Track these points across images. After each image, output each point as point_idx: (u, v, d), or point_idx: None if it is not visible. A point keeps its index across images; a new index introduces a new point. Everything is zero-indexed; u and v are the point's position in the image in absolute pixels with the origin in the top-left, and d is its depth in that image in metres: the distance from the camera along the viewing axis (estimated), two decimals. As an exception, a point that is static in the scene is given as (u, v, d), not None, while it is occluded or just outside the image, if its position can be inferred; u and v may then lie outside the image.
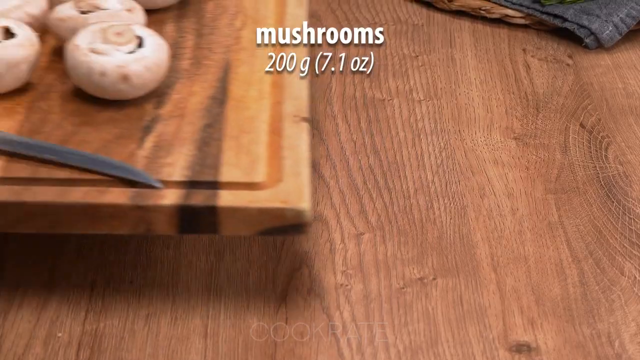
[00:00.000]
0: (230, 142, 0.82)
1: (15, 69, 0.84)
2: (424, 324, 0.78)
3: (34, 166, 0.79)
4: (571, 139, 1.00)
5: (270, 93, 0.89)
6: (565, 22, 1.16)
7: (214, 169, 0.79)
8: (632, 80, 1.10)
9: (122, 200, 0.76)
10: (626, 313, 0.80)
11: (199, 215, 0.76)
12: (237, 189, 0.78)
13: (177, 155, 0.80)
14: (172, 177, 0.78)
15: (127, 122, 0.84)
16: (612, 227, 0.89)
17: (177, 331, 0.77)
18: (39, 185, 0.77)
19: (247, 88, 0.89)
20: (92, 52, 0.84)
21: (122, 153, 0.81)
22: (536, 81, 1.09)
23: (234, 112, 0.86)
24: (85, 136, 0.82)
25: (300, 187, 0.78)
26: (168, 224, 0.76)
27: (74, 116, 0.85)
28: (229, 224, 0.76)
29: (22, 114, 0.85)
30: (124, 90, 0.85)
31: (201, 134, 0.83)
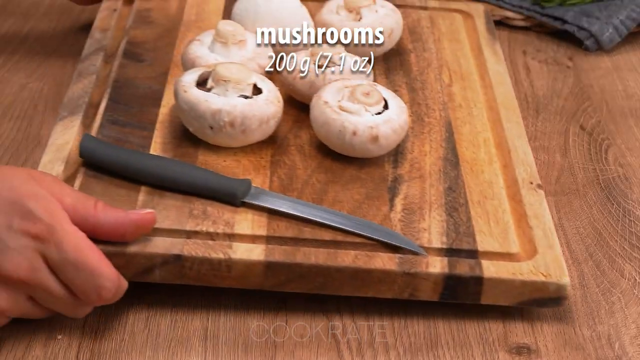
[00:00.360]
0: (477, 209, 0.84)
1: (265, 125, 0.86)
2: (424, 326, 0.79)
3: (296, 225, 0.80)
4: (571, 141, 1.00)
5: (496, 155, 0.91)
6: (565, 24, 1.17)
7: (469, 237, 0.81)
8: (632, 82, 1.10)
9: (391, 266, 0.78)
10: (626, 315, 0.81)
11: (464, 285, 0.78)
12: (496, 259, 0.80)
13: (429, 220, 0.82)
14: (431, 243, 0.80)
15: (372, 181, 0.86)
16: (612, 229, 0.89)
17: (177, 333, 0.77)
18: (306, 246, 0.79)
19: (475, 150, 0.91)
20: (342, 111, 0.86)
21: (376, 215, 0.82)
22: (536, 83, 1.09)
23: (470, 175, 0.88)
24: (336, 195, 0.84)
25: (558, 260, 0.80)
26: (432, 290, 0.78)
27: (319, 173, 0.87)
28: (490, 294, 0.79)
29: (267, 168, 0.87)
30: (370, 150, 0.87)
31: (446, 198, 0.85)
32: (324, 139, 0.87)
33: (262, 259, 0.77)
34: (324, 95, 0.88)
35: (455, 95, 0.99)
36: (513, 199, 0.86)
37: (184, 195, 0.82)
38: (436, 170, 0.88)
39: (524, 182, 0.87)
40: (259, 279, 0.77)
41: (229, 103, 0.85)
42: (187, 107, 0.85)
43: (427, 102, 0.97)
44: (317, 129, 0.87)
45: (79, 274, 0.72)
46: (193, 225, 0.79)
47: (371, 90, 0.87)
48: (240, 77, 0.86)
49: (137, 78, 0.95)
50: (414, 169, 0.88)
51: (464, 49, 1.07)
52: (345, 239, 0.80)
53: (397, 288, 0.78)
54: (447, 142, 0.92)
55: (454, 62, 1.04)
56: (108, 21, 1.04)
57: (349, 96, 0.87)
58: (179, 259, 0.76)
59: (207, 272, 0.77)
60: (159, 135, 0.89)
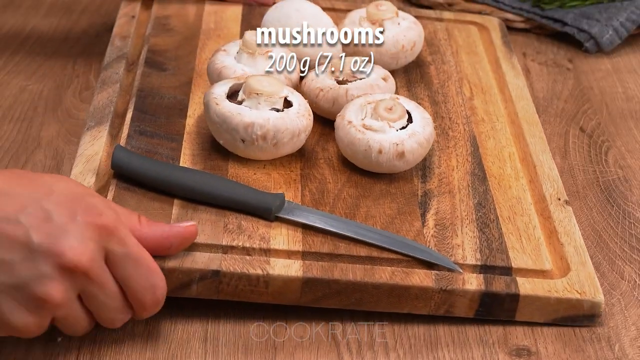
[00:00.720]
0: (508, 225, 0.85)
1: (296, 138, 0.86)
2: (424, 328, 0.79)
3: (331, 241, 0.80)
4: (571, 143, 1.01)
5: (522, 170, 0.92)
6: (565, 26, 1.17)
7: (503, 254, 0.81)
8: (632, 84, 1.11)
9: (427, 283, 0.78)
10: (626, 317, 0.81)
11: (500, 302, 0.78)
12: (530, 276, 0.80)
13: (462, 236, 0.83)
14: (466, 260, 0.80)
15: (402, 196, 0.86)
16: (612, 231, 0.90)
17: (176, 335, 0.77)
18: (342, 262, 0.79)
19: (501, 165, 0.92)
20: (366, 129, 0.86)
21: (409, 230, 0.83)
22: (536, 85, 1.10)
23: (498, 191, 0.88)
24: (368, 210, 0.84)
25: (591, 278, 0.80)
26: (468, 307, 0.79)
27: (349, 187, 0.87)
28: (525, 311, 0.79)
29: (298, 182, 0.86)
30: (397, 166, 0.87)
31: (477, 214, 0.85)
32: (350, 158, 0.87)
33: (300, 275, 0.77)
34: (347, 115, 0.88)
35: (477, 109, 0.99)
36: (542, 215, 0.87)
37: (217, 209, 0.81)
38: (465, 185, 0.88)
39: (552, 198, 0.88)
40: (295, 295, 0.77)
41: (262, 116, 0.84)
42: (218, 120, 0.85)
43: (450, 115, 0.97)
44: (343, 148, 0.87)
45: (138, 270, 0.71)
46: (229, 240, 0.79)
47: (394, 104, 0.87)
48: (272, 90, 0.85)
49: (161, 87, 0.95)
50: (442, 183, 0.88)
51: (482, 62, 1.07)
52: (381, 255, 0.80)
53: (434, 304, 0.78)
54: (473, 156, 0.92)
55: (474, 75, 1.05)
56: (127, 28, 1.03)
57: (372, 113, 0.87)
58: (217, 274, 0.76)
59: (244, 288, 0.77)
60: (188, 147, 0.88)
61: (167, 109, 0.92)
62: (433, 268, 0.79)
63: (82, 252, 0.69)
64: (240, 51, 0.92)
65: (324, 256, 0.79)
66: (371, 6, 1.00)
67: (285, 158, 0.88)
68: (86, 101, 1.02)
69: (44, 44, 1.11)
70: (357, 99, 0.89)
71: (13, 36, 1.13)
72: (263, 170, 0.87)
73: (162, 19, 1.06)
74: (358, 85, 0.92)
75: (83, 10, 1.17)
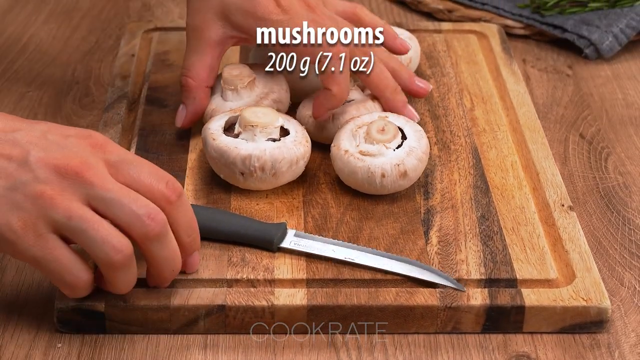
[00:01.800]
0: (512, 236, 0.85)
1: (295, 166, 0.87)
2: (424, 334, 0.79)
3: (335, 266, 0.81)
4: (571, 150, 1.00)
5: (525, 179, 0.92)
6: (565, 33, 1.17)
7: (507, 266, 0.81)
8: (631, 90, 1.10)
9: (432, 301, 0.78)
10: (626, 324, 0.81)
11: (506, 315, 0.79)
12: (535, 286, 0.80)
13: (466, 251, 0.83)
14: (470, 275, 0.81)
15: (405, 215, 0.87)
16: (611, 237, 0.89)
17: (176, 342, 0.77)
18: (346, 286, 0.80)
19: (503, 175, 0.92)
20: (364, 156, 0.87)
21: (413, 250, 0.83)
22: (536, 92, 1.09)
23: (501, 202, 0.89)
24: (371, 232, 0.85)
25: (597, 284, 0.80)
26: (475, 322, 0.79)
27: (352, 210, 0.87)
28: (532, 322, 0.79)
29: (300, 208, 0.87)
30: (401, 185, 0.87)
31: (480, 227, 0.85)
32: (354, 185, 0.88)
33: (305, 303, 0.77)
34: (341, 144, 0.88)
35: (478, 120, 0.99)
36: (546, 222, 0.87)
37: (221, 243, 0.82)
38: (467, 198, 0.89)
39: (556, 205, 0.88)
40: (302, 322, 0.78)
41: (258, 148, 0.85)
42: (216, 155, 0.86)
43: (452, 128, 0.98)
44: (345, 178, 0.88)
45: (143, 168, 0.74)
46: (233, 274, 0.79)
47: (385, 125, 0.88)
48: (267, 121, 0.86)
49: (163, 124, 0.96)
50: (445, 199, 0.89)
51: (482, 71, 1.07)
52: (385, 277, 0.80)
53: (440, 322, 0.78)
54: (475, 168, 0.92)
55: (474, 85, 1.05)
56: (127, 67, 1.05)
57: (365, 137, 0.87)
58: (223, 309, 0.77)
59: (250, 320, 0.78)
60: (190, 182, 0.89)
61: (169, 146, 0.94)
62: (437, 286, 0.79)
63: (75, 155, 0.72)
64: (223, 90, 0.93)
65: (328, 282, 0.80)
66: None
67: (287, 185, 0.89)
68: (86, 108, 1.03)
69: (43, 50, 1.12)
70: (347, 125, 0.90)
71: (13, 43, 1.15)
72: (265, 200, 0.88)
73: (162, 55, 1.07)
74: (344, 109, 0.92)
75: (83, 16, 1.19)
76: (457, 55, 1.10)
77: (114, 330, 0.77)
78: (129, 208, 0.72)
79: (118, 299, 0.77)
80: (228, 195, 0.88)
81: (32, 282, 0.82)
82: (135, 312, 0.77)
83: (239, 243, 0.82)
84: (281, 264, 0.81)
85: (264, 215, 0.86)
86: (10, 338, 0.77)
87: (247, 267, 0.80)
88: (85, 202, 0.72)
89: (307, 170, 0.91)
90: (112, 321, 0.77)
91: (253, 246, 0.82)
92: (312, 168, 0.91)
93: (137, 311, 0.77)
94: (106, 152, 0.74)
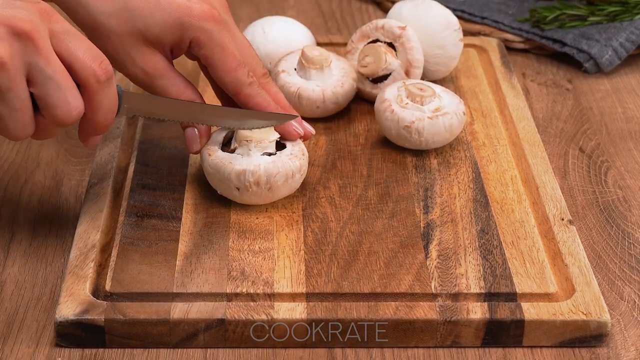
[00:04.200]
0: (511, 250, 0.85)
1: (291, 180, 0.87)
2: (424, 349, 0.79)
3: (335, 280, 0.81)
4: (570, 164, 1.00)
5: (525, 193, 0.92)
6: (564, 47, 1.17)
7: (507, 280, 0.81)
8: (631, 104, 1.10)
9: (432, 315, 0.78)
10: (625, 338, 0.81)
11: (506, 329, 0.79)
12: (535, 300, 0.80)
13: (466, 265, 0.83)
14: (470, 289, 0.81)
15: (405, 229, 0.87)
16: (611, 251, 0.89)
17: (176, 356, 0.77)
18: (346, 300, 0.80)
19: (503, 189, 0.92)
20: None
21: (412, 264, 0.83)
22: (535, 106, 1.09)
23: (501, 216, 0.89)
24: (371, 246, 0.85)
25: (597, 298, 0.80)
26: (474, 336, 0.79)
27: (352, 224, 0.87)
28: (532, 336, 0.79)
29: (300, 222, 0.87)
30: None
31: (480, 241, 0.85)
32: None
33: (305, 317, 0.77)
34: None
35: (477, 134, 1.00)
36: (546, 236, 0.87)
37: (221, 257, 0.82)
38: (467, 212, 0.89)
39: (555, 219, 0.88)
40: (302, 336, 0.78)
41: (253, 163, 0.85)
42: (212, 171, 0.86)
43: (451, 142, 0.98)
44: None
45: (80, 43, 0.76)
46: (233, 288, 0.80)
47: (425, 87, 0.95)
48: (261, 136, 0.86)
49: (162, 138, 0.96)
50: (445, 213, 0.89)
51: (481, 85, 1.07)
52: (384, 291, 0.80)
53: (440, 336, 0.78)
54: (475, 182, 0.93)
55: (473, 99, 1.05)
56: (127, 81, 1.05)
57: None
58: (222, 323, 0.77)
59: (250, 334, 0.77)
60: (190, 197, 0.89)
61: (168, 160, 0.94)
62: (437, 300, 0.79)
63: (29, 20, 0.73)
64: (306, 69, 0.98)
65: (327, 296, 0.80)
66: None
67: (287, 200, 0.89)
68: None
69: None
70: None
71: None
72: (265, 214, 0.88)
73: (162, 69, 1.07)
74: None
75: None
76: (456, 70, 1.10)
77: (113, 345, 0.77)
78: (64, 94, 0.75)
79: (118, 313, 0.77)
80: (227, 210, 0.88)
81: (32, 296, 0.82)
82: (135, 326, 0.77)
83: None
84: (281, 277, 0.81)
85: (264, 229, 0.86)
86: (9, 352, 0.77)
87: (246, 281, 0.80)
88: (26, 67, 0.74)
89: (306, 184, 0.91)
90: (111, 335, 0.77)
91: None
92: (311, 182, 0.92)
93: (137, 325, 0.77)
94: (52, 21, 0.75)
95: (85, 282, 0.80)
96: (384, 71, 1.00)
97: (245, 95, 0.87)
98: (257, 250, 0.84)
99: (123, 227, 0.85)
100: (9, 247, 0.87)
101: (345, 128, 1.00)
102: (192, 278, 0.80)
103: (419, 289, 0.80)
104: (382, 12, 1.28)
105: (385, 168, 0.94)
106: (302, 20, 1.17)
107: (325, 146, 0.97)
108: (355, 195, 0.90)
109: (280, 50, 1.03)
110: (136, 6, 0.84)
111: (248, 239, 0.85)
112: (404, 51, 1.01)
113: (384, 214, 0.88)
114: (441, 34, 1.03)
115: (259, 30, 1.04)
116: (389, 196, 0.90)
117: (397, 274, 0.82)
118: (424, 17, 1.03)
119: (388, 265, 0.83)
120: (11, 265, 0.85)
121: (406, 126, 0.93)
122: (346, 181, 0.92)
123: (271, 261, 0.83)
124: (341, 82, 0.99)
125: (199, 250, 0.83)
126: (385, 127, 0.95)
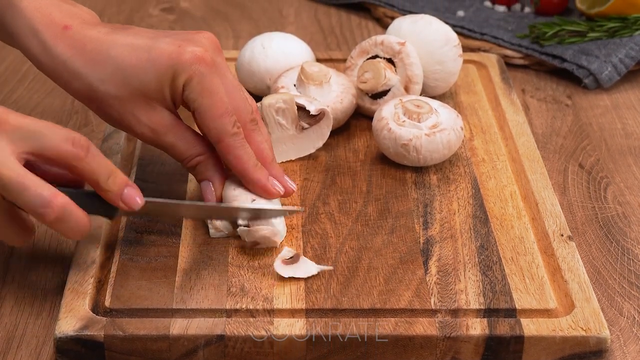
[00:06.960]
0: (511, 266, 0.85)
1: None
2: None
3: (334, 296, 0.81)
4: (570, 180, 1.00)
5: (524, 209, 0.92)
6: (564, 63, 1.17)
7: (506, 296, 0.82)
8: (631, 120, 1.11)
9: (432, 331, 0.78)
10: (625, 353, 0.80)
11: (505, 345, 0.79)
12: (535, 316, 0.80)
13: (465, 281, 0.83)
14: (469, 305, 0.81)
15: (404, 245, 0.87)
16: (610, 267, 0.89)
17: None
18: (345, 316, 0.80)
19: (502, 205, 0.92)
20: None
21: (412, 280, 0.83)
22: (535, 121, 1.10)
23: (501, 232, 0.89)
24: (370, 262, 0.85)
25: (596, 314, 0.80)
26: (474, 352, 0.79)
27: (351, 240, 0.87)
28: (532, 352, 0.79)
29: (300, 239, 0.87)
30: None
31: (479, 257, 0.86)
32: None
33: (304, 334, 0.77)
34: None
35: (477, 150, 1.00)
36: (545, 252, 0.87)
37: (220, 273, 0.82)
38: (467, 228, 0.89)
39: (555, 235, 0.88)
40: (301, 352, 0.78)
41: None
42: None
43: (451, 159, 0.98)
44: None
45: (42, 139, 0.76)
46: (233, 304, 0.80)
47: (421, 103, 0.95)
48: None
49: (162, 154, 0.96)
50: (444, 229, 0.89)
51: (481, 101, 1.08)
52: (384, 307, 0.80)
53: (440, 352, 0.78)
54: (474, 198, 0.93)
55: (473, 115, 1.05)
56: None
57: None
58: (222, 338, 0.77)
59: (250, 350, 0.78)
60: (190, 212, 0.89)
61: (168, 176, 0.94)
62: (437, 316, 0.79)
63: None
64: (305, 85, 0.98)
65: (327, 312, 0.80)
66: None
67: (286, 216, 0.89)
68: (85, 138, 1.03)
69: (43, 80, 1.12)
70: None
71: (12, 72, 1.15)
72: (265, 230, 0.88)
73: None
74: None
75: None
76: (456, 85, 1.10)
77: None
78: (33, 192, 0.75)
79: (117, 329, 0.77)
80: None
81: (31, 312, 0.82)
82: (134, 342, 0.77)
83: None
84: (280, 293, 0.81)
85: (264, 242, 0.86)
86: (11, 365, 0.77)
87: (246, 297, 0.80)
88: None
89: (307, 200, 0.91)
90: (111, 351, 0.77)
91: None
92: (311, 198, 0.92)
93: (137, 341, 0.77)
94: (7, 130, 0.75)
95: (84, 298, 0.80)
96: (383, 87, 1.00)
97: (226, 145, 0.84)
98: (256, 266, 0.84)
99: (122, 243, 0.85)
100: (8, 263, 0.87)
101: (344, 144, 1.00)
102: (192, 294, 0.80)
103: (419, 304, 0.80)
104: (381, 28, 1.29)
105: (384, 184, 0.94)
106: (301, 36, 1.17)
107: (325, 162, 0.97)
108: (355, 211, 0.90)
109: (279, 66, 1.03)
110: (128, 65, 0.83)
111: (247, 255, 0.85)
112: (403, 67, 1.01)
113: (383, 230, 0.88)
114: (440, 49, 1.04)
115: (259, 46, 1.04)
116: (388, 212, 0.90)
117: (397, 289, 0.82)
118: (423, 33, 1.04)
119: (387, 281, 0.83)
120: (10, 281, 0.85)
121: (404, 144, 0.93)
122: (346, 197, 0.92)
123: (271, 277, 0.83)
124: (340, 98, 0.99)
125: (198, 266, 0.83)
126: (383, 146, 0.95)
